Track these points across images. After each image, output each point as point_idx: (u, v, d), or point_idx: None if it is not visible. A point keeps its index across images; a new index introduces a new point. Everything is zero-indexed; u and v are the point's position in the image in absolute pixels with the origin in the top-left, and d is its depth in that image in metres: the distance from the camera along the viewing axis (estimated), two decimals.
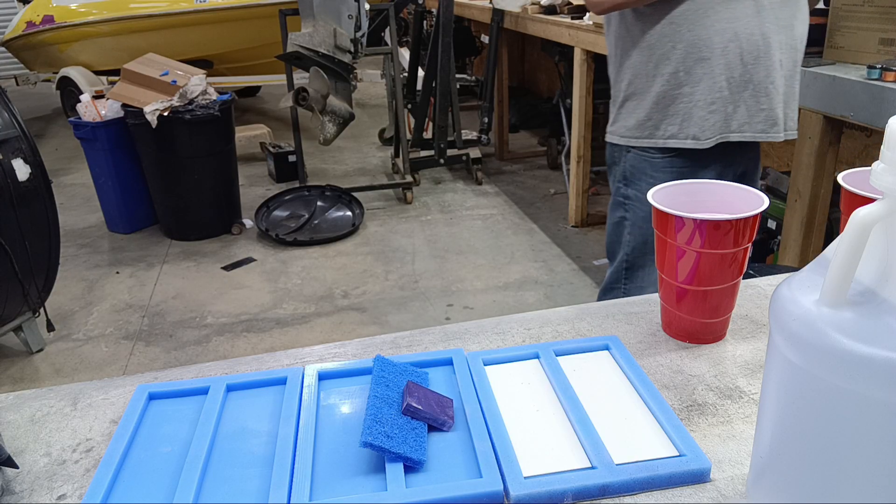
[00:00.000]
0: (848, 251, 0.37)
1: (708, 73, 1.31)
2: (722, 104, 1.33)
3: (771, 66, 1.32)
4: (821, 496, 0.40)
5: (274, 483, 0.52)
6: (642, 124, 1.39)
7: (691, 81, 1.33)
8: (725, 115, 1.34)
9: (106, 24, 5.27)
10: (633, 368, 0.64)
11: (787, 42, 1.33)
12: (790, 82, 1.37)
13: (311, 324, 2.77)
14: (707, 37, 1.30)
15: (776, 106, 1.35)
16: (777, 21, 1.30)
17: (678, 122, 1.36)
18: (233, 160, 3.68)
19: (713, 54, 1.30)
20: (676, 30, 1.31)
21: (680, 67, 1.33)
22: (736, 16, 1.28)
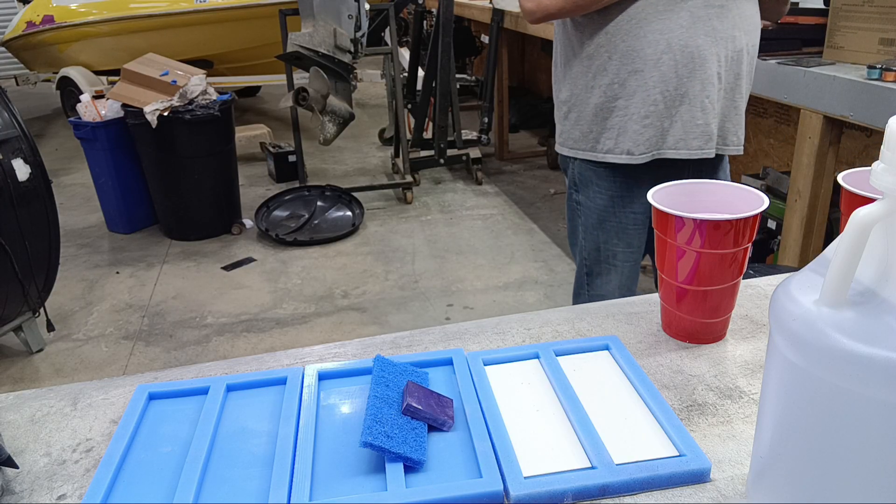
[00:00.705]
0: (848, 251, 0.37)
1: (642, 86, 1.28)
2: (657, 118, 1.30)
3: (707, 80, 1.27)
4: (821, 496, 0.40)
5: (274, 483, 0.52)
6: (585, 136, 1.37)
7: (626, 94, 1.30)
8: (661, 130, 1.31)
9: (106, 24, 5.27)
10: (633, 368, 0.64)
11: (728, 55, 1.28)
12: (731, 96, 1.32)
13: (311, 324, 2.77)
14: (640, 48, 1.27)
15: (711, 121, 1.30)
16: (714, 33, 1.25)
17: (614, 136, 1.33)
18: (233, 160, 3.68)
19: (647, 66, 1.27)
20: (611, 40, 1.28)
21: (615, 79, 1.30)
22: (670, 27, 1.24)
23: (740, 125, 1.37)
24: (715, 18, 1.24)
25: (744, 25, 1.28)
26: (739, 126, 1.37)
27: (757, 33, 1.33)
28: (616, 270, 1.49)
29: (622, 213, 1.42)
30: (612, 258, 1.48)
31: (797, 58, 2.03)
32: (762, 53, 2.06)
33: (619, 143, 1.33)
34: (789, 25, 2.09)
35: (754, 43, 1.33)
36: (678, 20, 1.24)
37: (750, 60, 1.33)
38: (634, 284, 1.52)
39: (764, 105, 2.76)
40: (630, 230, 1.44)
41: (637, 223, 1.43)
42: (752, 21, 1.30)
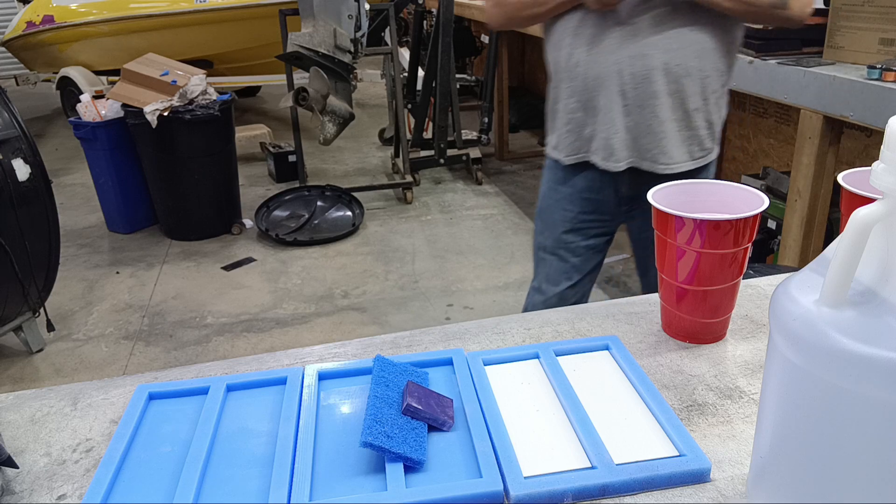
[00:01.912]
0: (848, 251, 0.37)
1: (564, 93, 1.35)
2: (577, 125, 1.35)
3: (610, 96, 1.28)
4: (821, 496, 0.40)
5: (274, 483, 0.52)
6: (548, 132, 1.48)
7: (559, 98, 1.37)
8: (580, 136, 1.35)
9: (106, 24, 5.27)
10: (633, 368, 0.64)
11: (636, 72, 1.26)
12: (642, 113, 1.29)
13: (311, 324, 2.77)
14: (558, 60, 1.34)
15: (613, 136, 1.30)
16: (617, 50, 1.25)
17: (555, 134, 1.42)
18: (233, 160, 3.68)
19: (564, 78, 1.34)
20: (547, 49, 1.38)
21: (554, 84, 1.39)
22: (578, 42, 1.29)
23: (665, 144, 1.31)
24: (620, 37, 1.25)
25: (664, 45, 1.24)
26: (663, 144, 1.31)
27: (691, 53, 1.26)
28: (543, 265, 1.53)
29: (555, 207, 1.47)
30: (541, 250, 1.52)
31: (797, 58, 2.03)
32: (762, 53, 2.07)
33: (553, 140, 1.42)
34: None
35: (682, 62, 1.26)
36: (585, 35, 1.28)
37: (674, 80, 1.27)
38: (561, 288, 1.51)
39: (764, 105, 2.76)
40: (558, 225, 1.47)
41: (566, 220, 1.46)
42: (682, 40, 1.25)
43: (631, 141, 1.31)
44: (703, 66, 1.27)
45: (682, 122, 1.30)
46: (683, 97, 1.28)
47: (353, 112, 3.21)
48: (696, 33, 1.25)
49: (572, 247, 1.48)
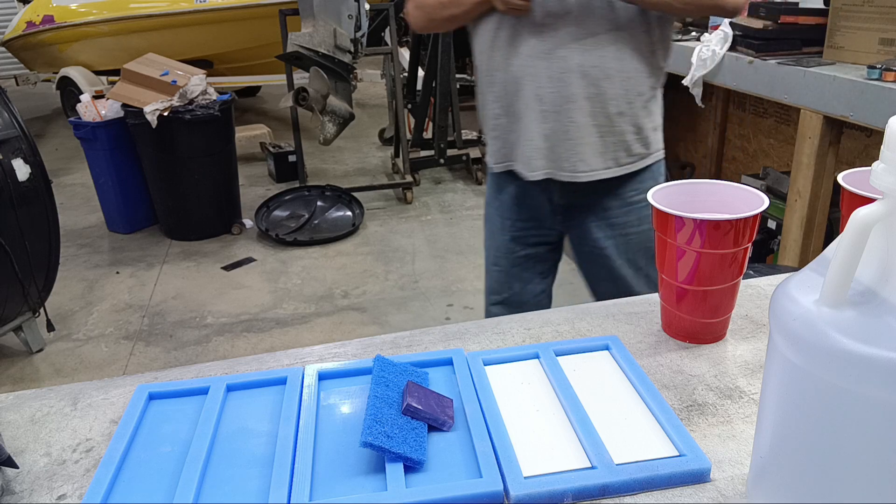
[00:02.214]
0: (848, 251, 0.37)
1: (489, 98, 1.29)
2: (502, 131, 1.29)
3: (528, 102, 1.22)
4: (821, 496, 0.40)
5: (274, 483, 0.52)
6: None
7: (485, 104, 1.32)
8: (506, 143, 1.30)
9: (106, 24, 5.27)
10: (633, 368, 0.64)
11: (552, 75, 1.19)
12: (559, 118, 1.21)
13: (311, 324, 2.77)
14: (480, 65, 1.29)
15: (528, 143, 1.24)
16: (533, 54, 1.19)
17: (487, 140, 1.37)
18: (233, 160, 3.68)
19: (485, 83, 1.29)
20: (473, 52, 1.32)
21: (480, 89, 1.33)
22: (497, 46, 1.23)
23: (583, 150, 1.23)
24: (536, 40, 1.18)
25: (580, 46, 1.17)
26: (581, 151, 1.23)
27: (609, 54, 1.18)
28: (489, 274, 1.48)
29: (496, 215, 1.42)
30: (487, 259, 1.48)
31: (797, 58, 2.03)
32: (762, 53, 2.07)
33: (488, 148, 1.38)
34: (789, 25, 2.09)
35: (600, 64, 1.18)
36: (502, 39, 1.22)
37: (593, 83, 1.19)
38: (503, 296, 1.47)
39: (764, 105, 2.76)
40: (497, 235, 1.42)
41: (505, 228, 1.40)
42: (599, 40, 1.17)
43: (548, 150, 1.24)
44: (623, 67, 1.19)
45: (603, 127, 1.22)
46: (604, 101, 1.21)
47: (353, 112, 3.21)
48: (614, 33, 1.18)
49: (514, 256, 1.42)
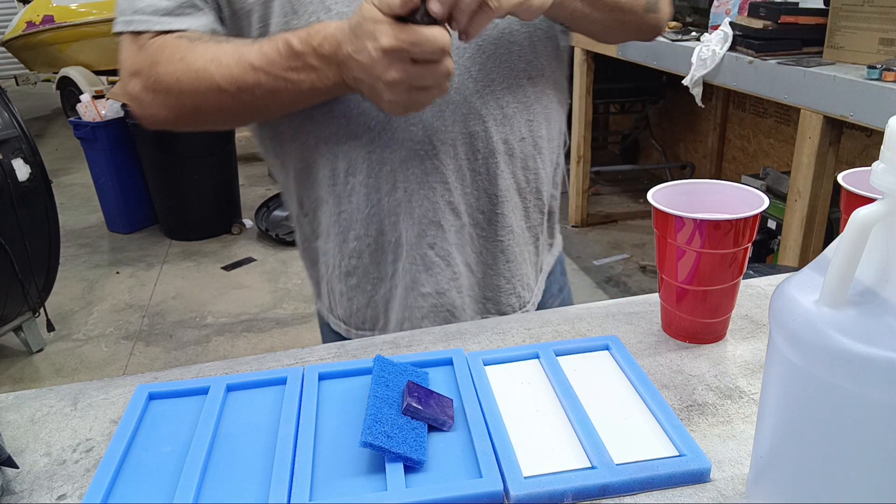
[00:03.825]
0: (848, 251, 0.37)
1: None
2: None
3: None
4: (821, 496, 0.40)
5: (274, 483, 0.52)
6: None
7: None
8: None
9: (106, 24, 5.27)
10: (633, 368, 0.64)
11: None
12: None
13: (311, 324, 2.77)
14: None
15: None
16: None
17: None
18: (233, 160, 3.68)
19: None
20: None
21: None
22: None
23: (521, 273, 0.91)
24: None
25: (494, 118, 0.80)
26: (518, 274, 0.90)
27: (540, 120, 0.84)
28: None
29: None
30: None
31: (797, 58, 2.03)
32: (762, 53, 2.07)
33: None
34: (789, 25, 2.09)
35: (527, 136, 0.83)
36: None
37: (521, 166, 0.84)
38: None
39: (764, 105, 2.76)
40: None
41: None
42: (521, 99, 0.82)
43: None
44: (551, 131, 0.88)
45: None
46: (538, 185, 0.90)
47: None
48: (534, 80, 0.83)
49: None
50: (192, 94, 0.71)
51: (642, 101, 3.96)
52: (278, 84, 0.69)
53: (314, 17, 0.73)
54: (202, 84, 0.70)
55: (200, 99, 0.72)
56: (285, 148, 0.82)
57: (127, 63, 0.75)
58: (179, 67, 0.71)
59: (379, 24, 0.61)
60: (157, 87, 0.73)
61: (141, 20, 0.74)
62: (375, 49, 0.62)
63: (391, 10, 0.61)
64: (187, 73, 0.71)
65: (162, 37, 0.74)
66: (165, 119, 0.75)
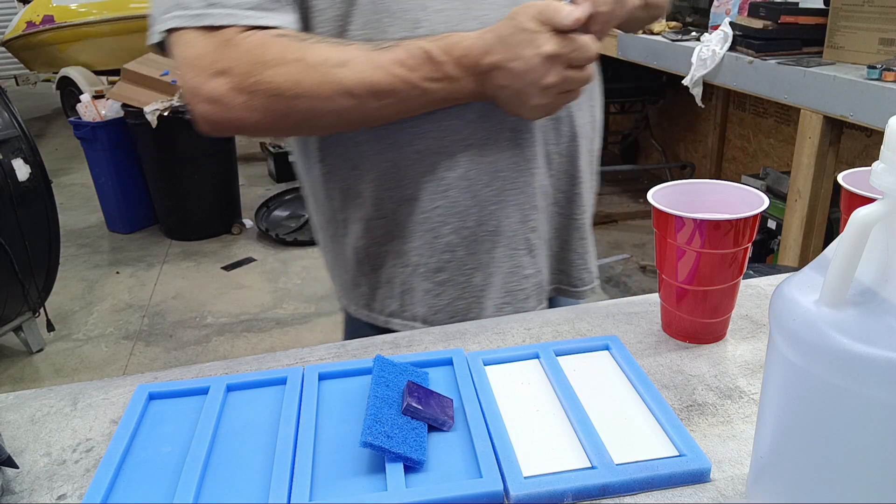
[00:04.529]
0: (848, 251, 0.37)
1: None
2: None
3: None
4: (821, 496, 0.40)
5: (274, 483, 0.52)
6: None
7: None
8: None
9: (106, 24, 5.27)
10: (633, 368, 0.64)
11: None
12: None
13: (311, 324, 2.77)
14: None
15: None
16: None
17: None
18: (233, 160, 3.68)
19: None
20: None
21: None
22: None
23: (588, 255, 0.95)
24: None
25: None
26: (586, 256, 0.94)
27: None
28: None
29: None
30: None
31: (797, 58, 2.03)
32: (762, 53, 2.07)
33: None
34: (789, 25, 2.09)
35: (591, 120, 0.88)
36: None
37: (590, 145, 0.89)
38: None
39: (764, 105, 2.76)
40: None
41: None
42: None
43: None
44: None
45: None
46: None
47: None
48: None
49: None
50: (311, 97, 0.68)
51: (642, 101, 3.96)
52: (413, 92, 0.69)
53: (409, 14, 0.72)
54: (327, 88, 0.67)
55: (320, 103, 0.68)
56: (364, 150, 0.79)
57: (206, 60, 0.68)
58: (297, 69, 0.67)
59: (538, 34, 0.66)
60: (257, 88, 0.67)
61: (221, 14, 0.68)
62: (537, 56, 0.66)
63: (556, 25, 0.66)
64: (309, 75, 0.67)
65: (256, 33, 0.69)
66: (255, 124, 0.70)
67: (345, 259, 0.88)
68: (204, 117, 0.70)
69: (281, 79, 0.67)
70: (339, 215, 0.85)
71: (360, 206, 0.82)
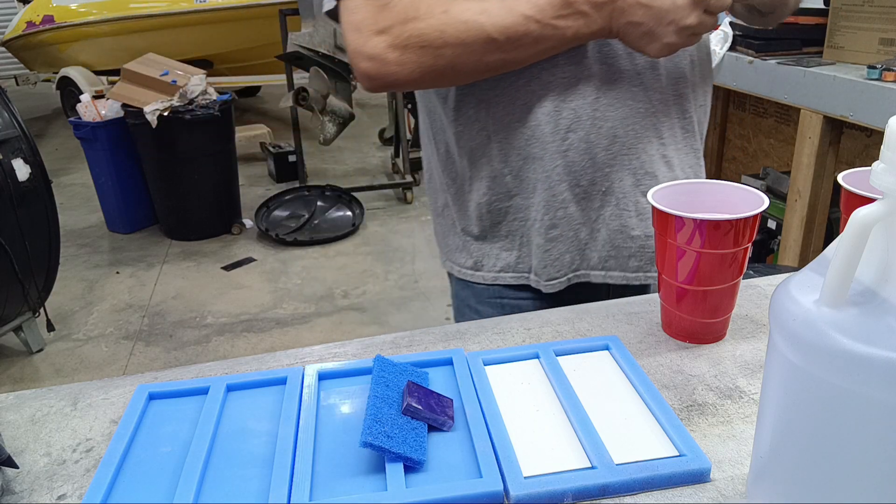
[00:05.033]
0: (848, 251, 0.37)
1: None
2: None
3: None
4: (821, 496, 0.40)
5: (274, 483, 0.52)
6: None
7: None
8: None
9: (106, 24, 5.27)
10: (633, 368, 0.64)
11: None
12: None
13: (311, 324, 2.78)
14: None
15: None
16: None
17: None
18: (233, 160, 3.68)
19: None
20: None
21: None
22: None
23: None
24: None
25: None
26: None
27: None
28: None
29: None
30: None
31: (797, 58, 2.03)
32: (762, 53, 2.07)
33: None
34: (789, 25, 2.09)
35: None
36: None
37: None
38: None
39: (764, 105, 2.76)
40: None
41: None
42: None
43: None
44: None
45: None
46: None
47: (353, 112, 3.22)
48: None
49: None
50: (455, 45, 0.74)
51: None
52: (545, 31, 0.74)
53: None
54: (470, 35, 0.74)
55: (463, 50, 0.75)
56: (496, 111, 0.85)
57: (367, 22, 0.77)
58: (443, 20, 0.74)
59: None
60: (409, 42, 0.75)
61: None
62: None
63: None
64: (453, 25, 0.74)
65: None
66: (407, 78, 0.78)
67: (465, 216, 0.94)
68: (365, 74, 0.79)
69: (429, 30, 0.75)
70: (466, 172, 0.92)
71: (487, 164, 0.89)
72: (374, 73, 0.78)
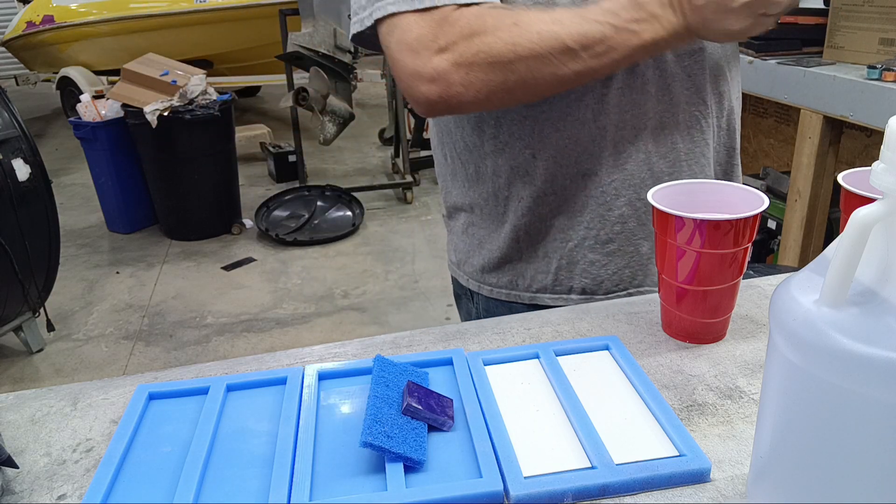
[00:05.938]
0: (848, 251, 0.37)
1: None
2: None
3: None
4: (821, 496, 0.40)
5: (274, 483, 0.52)
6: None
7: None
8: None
9: (106, 24, 5.27)
10: (633, 368, 0.64)
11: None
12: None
13: (311, 324, 2.78)
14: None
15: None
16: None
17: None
18: (233, 160, 3.68)
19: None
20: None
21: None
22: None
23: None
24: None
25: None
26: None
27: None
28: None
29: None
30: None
31: (797, 58, 2.03)
32: (762, 53, 2.07)
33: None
34: (789, 25, 2.09)
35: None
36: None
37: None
38: None
39: (764, 105, 2.76)
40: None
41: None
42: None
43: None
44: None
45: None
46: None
47: (353, 112, 3.22)
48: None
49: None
50: (528, 58, 0.69)
51: None
52: (621, 37, 0.70)
53: None
54: (545, 46, 0.69)
55: (538, 64, 0.69)
56: (543, 127, 0.81)
57: (425, 40, 0.70)
58: (515, 32, 0.69)
59: None
60: (477, 59, 0.69)
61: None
62: None
63: None
64: (526, 36, 0.69)
65: (470, 7, 0.70)
66: (473, 99, 0.71)
67: (498, 237, 0.89)
68: (426, 98, 0.72)
69: (499, 44, 0.69)
70: (502, 192, 0.87)
71: (530, 183, 0.84)
72: (437, 97, 0.71)
